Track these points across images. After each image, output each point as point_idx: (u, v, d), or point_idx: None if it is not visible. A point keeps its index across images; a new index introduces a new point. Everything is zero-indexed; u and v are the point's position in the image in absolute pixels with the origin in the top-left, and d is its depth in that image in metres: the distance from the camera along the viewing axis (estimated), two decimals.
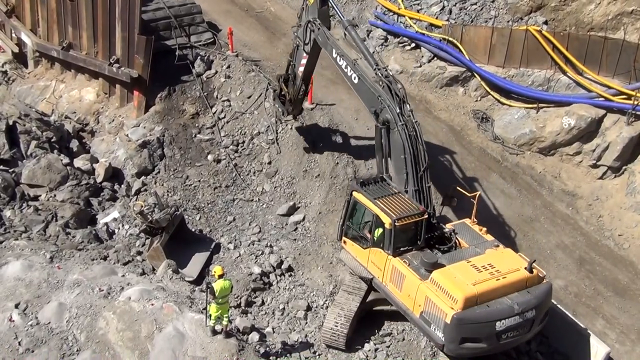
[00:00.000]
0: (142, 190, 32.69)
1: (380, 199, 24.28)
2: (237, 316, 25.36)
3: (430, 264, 22.88)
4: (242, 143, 33.43)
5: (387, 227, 23.44)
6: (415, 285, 22.89)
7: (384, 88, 25.91)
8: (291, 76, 30.68)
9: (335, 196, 30.42)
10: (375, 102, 25.99)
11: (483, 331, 22.22)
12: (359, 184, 25.01)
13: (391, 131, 25.39)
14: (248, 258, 28.67)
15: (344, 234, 25.62)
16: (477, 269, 22.81)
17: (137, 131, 34.34)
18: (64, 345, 22.25)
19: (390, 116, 25.26)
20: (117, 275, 25.58)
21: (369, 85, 26.36)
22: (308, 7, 28.65)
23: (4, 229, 29.25)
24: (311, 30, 28.40)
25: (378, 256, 24.10)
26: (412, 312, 23.17)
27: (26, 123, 33.41)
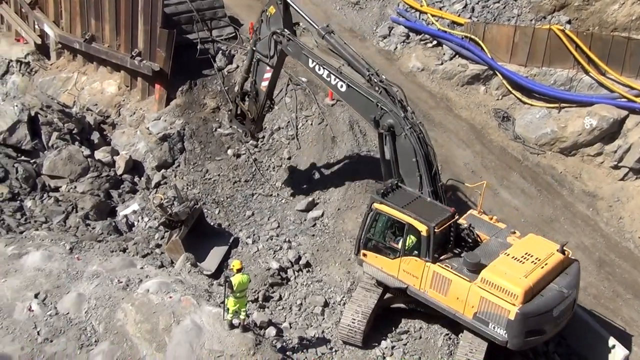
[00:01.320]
0: (162, 183, 32.82)
1: (407, 206, 23.77)
2: (254, 310, 25.41)
3: (474, 264, 22.80)
4: (262, 138, 33.46)
5: (424, 234, 23.01)
6: (465, 288, 22.73)
7: (382, 93, 25.43)
8: (252, 93, 29.18)
9: (354, 193, 30.40)
10: (373, 109, 25.40)
11: (544, 321, 22.49)
12: (380, 195, 24.23)
13: (397, 136, 24.97)
14: (266, 253, 28.71)
15: (364, 246, 24.89)
16: (519, 260, 22.87)
17: (157, 124, 34.48)
18: (82, 335, 22.35)
19: (395, 121, 24.84)
20: (135, 267, 25.69)
21: (362, 92, 25.66)
22: (269, 17, 27.47)
23: (24, 219, 29.48)
24: (277, 42, 27.29)
25: (412, 265, 23.70)
26: (463, 314, 23.00)
27: (48, 114, 33.59)
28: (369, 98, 25.38)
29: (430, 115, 34.40)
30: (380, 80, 25.74)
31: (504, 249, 23.62)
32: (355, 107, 26.57)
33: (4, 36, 42.25)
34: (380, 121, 25.22)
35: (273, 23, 27.29)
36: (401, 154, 25.13)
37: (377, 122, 25.40)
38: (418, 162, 24.69)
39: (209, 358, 21.77)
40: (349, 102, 26.82)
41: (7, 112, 32.93)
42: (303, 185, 31.57)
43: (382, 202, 23.95)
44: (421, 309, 24.83)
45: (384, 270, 24.40)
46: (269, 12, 27.36)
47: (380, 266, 24.44)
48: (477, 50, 36.16)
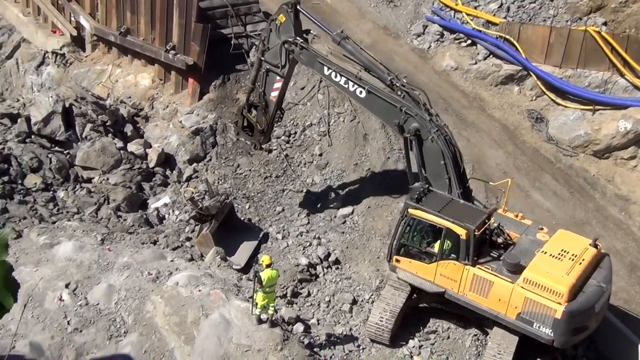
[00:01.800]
0: (193, 177, 32.97)
1: (443, 210, 23.47)
2: (283, 306, 25.47)
3: (514, 264, 22.72)
4: (293, 134, 33.50)
5: (464, 237, 22.81)
6: (508, 289, 22.62)
7: (404, 97, 24.96)
8: (261, 104, 28.40)
9: (385, 191, 30.33)
10: (396, 114, 24.90)
11: (588, 317, 22.51)
12: (414, 201, 23.85)
13: (424, 140, 24.64)
14: (296, 249, 28.74)
15: (397, 252, 24.61)
16: (557, 257, 22.82)
17: (190, 118, 34.65)
18: (111, 326, 22.48)
19: (420, 124, 24.44)
20: (166, 260, 25.81)
21: (384, 98, 25.10)
22: (279, 26, 26.76)
23: (57, 210, 29.72)
24: (289, 51, 26.70)
25: (450, 268, 23.53)
26: (506, 315, 22.90)
27: (82, 106, 33.84)
28: (392, 103, 24.93)
29: (463, 115, 34.24)
30: (402, 84, 25.31)
31: (538, 247, 23.51)
32: (377, 113, 26.18)
33: (40, 27, 42.59)
34: (405, 126, 24.81)
35: (283, 32, 26.71)
36: (428, 158, 24.83)
37: (401, 127, 24.97)
38: (446, 165, 24.45)
39: (237, 352, 21.82)
40: (370, 109, 26.35)
41: (42, 103, 33.20)
42: (334, 182, 31.55)
43: (417, 208, 23.65)
44: (452, 309, 24.74)
45: (420, 275, 24.22)
46: (279, 20, 26.75)
47: (415, 271, 24.26)
48: (512, 50, 35.92)
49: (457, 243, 23.21)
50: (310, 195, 31.50)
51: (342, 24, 37.71)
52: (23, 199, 29.86)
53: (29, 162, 31.27)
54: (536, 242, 23.92)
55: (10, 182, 30.34)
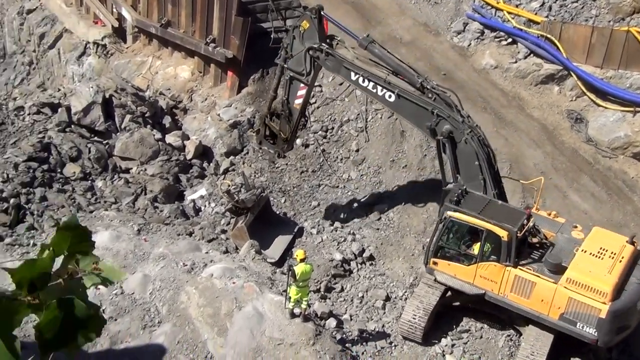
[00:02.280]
0: (230, 169, 33.12)
1: (483, 212, 23.26)
2: (316, 301, 25.49)
3: (556, 264, 22.61)
4: (331, 129, 33.52)
5: (505, 239, 22.63)
6: (551, 290, 22.50)
7: (435, 99, 24.70)
8: (284, 112, 27.93)
9: (421, 188, 30.26)
10: (427, 117, 24.68)
11: (631, 315, 22.43)
12: (454, 203, 23.55)
13: (457, 142, 24.47)
14: (330, 244, 28.76)
15: (434, 255, 24.43)
16: (597, 256, 22.68)
17: (228, 111, 34.81)
18: (146, 316, 22.66)
19: (453, 126, 24.27)
20: (201, 251, 25.95)
21: (415, 101, 24.82)
22: (302, 33, 26.35)
23: (95, 199, 30.03)
24: (314, 58, 26.30)
25: (490, 270, 23.40)
26: (548, 316, 22.79)
27: (122, 97, 34.14)
28: (423, 106, 24.70)
29: (502, 114, 34.02)
30: (432, 86, 25.00)
31: (575, 245, 23.38)
32: (407, 117, 25.93)
33: (82, 18, 42.99)
34: (437, 128, 24.62)
35: (307, 38, 26.37)
36: (462, 159, 24.67)
37: (433, 130, 24.75)
38: (481, 166, 24.29)
39: (269, 345, 21.90)
40: (400, 113, 26.17)
41: (83, 93, 33.55)
42: (370, 178, 31.53)
43: (457, 210, 23.42)
44: (486, 309, 24.62)
45: (459, 278, 24.11)
46: (302, 27, 26.38)
47: (454, 273, 24.16)
48: (553, 49, 35.61)
49: (497, 245, 23.04)
50: (346, 191, 31.49)
51: (381, 20, 37.68)
52: (62, 187, 30.22)
53: (69, 152, 31.62)
54: (572, 240, 23.75)
55: (50, 171, 30.71)
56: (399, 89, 25.01)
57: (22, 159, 30.57)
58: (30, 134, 32.38)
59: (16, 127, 33.15)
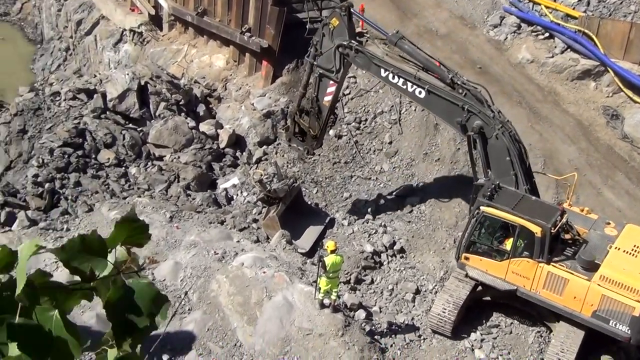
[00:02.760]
0: (263, 159, 33.22)
1: (516, 207, 23.08)
2: (345, 292, 25.52)
3: (589, 262, 22.48)
4: (364, 121, 33.49)
5: (539, 235, 22.48)
6: (584, 287, 22.40)
7: (466, 95, 24.55)
8: (313, 110, 27.92)
9: (453, 182, 30.17)
10: (458, 112, 24.55)
11: None
12: (487, 198, 23.37)
13: (488, 138, 24.33)
14: (361, 236, 28.75)
15: (466, 250, 24.33)
16: (631, 254, 22.54)
17: (262, 101, 34.88)
18: (176, 303, 22.85)
19: (484, 122, 24.13)
20: (232, 240, 26.10)
21: (445, 97, 24.70)
22: (332, 30, 26.22)
23: (128, 186, 30.30)
24: (344, 55, 26.27)
25: (523, 266, 23.29)
26: (581, 313, 22.69)
27: (157, 84, 34.34)
28: (453, 101, 24.57)
29: (537, 109, 33.81)
30: (462, 81, 24.89)
31: (608, 243, 23.21)
32: (438, 113, 25.88)
33: (119, 5, 43.29)
34: (468, 124, 24.50)
35: (337, 35, 26.28)
36: (493, 155, 24.54)
37: (463, 126, 24.62)
38: (512, 161, 24.15)
39: (298, 335, 22.01)
40: (430, 109, 26.09)
41: (119, 80, 33.81)
42: (402, 171, 31.49)
43: (490, 205, 23.25)
44: (517, 305, 24.55)
45: (490, 273, 24.02)
46: (332, 24, 26.30)
47: (486, 269, 24.07)
48: (590, 45, 35.29)
49: (531, 240, 22.91)
50: (378, 183, 31.49)
51: (417, 13, 37.56)
52: (96, 173, 30.54)
53: (103, 138, 31.90)
54: (606, 237, 23.57)
55: (85, 157, 31.04)
56: (429, 85, 24.89)
57: (57, 144, 30.90)
58: (66, 120, 32.72)
59: (52, 112, 33.50)
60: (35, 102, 33.82)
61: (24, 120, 32.88)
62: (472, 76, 33.06)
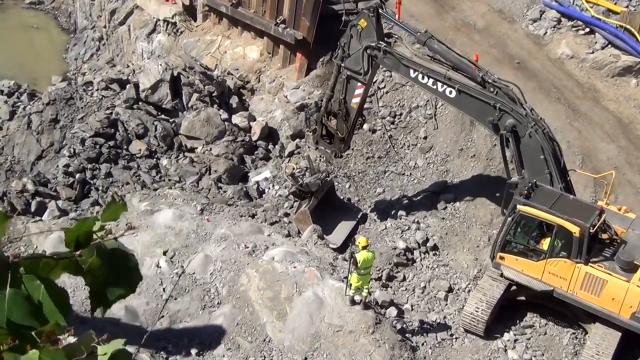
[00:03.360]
0: (295, 152, 33.15)
1: (554, 206, 22.80)
2: (377, 289, 25.43)
3: (629, 262, 22.27)
4: (399, 115, 33.30)
5: (577, 235, 22.25)
6: (623, 288, 22.18)
7: (497, 93, 24.23)
8: (341, 112, 27.68)
9: (488, 179, 29.92)
10: (489, 111, 24.26)
11: None
12: (524, 197, 23.13)
13: (521, 136, 24.02)
14: (394, 232, 28.63)
15: (501, 249, 24.15)
16: None
17: (296, 93, 34.80)
18: (205, 296, 22.90)
19: (516, 120, 23.83)
20: (263, 234, 26.09)
21: (476, 96, 24.41)
22: (360, 31, 26.01)
23: (159, 177, 30.39)
24: (373, 57, 26.01)
25: (560, 266, 23.06)
26: (620, 314, 22.47)
27: (190, 75, 34.39)
28: (485, 100, 24.29)
29: (576, 105, 33.44)
30: (493, 80, 24.53)
31: None
32: (469, 112, 25.63)
33: None
34: (500, 123, 24.21)
35: (365, 37, 26.06)
36: (527, 153, 24.24)
37: (495, 126, 24.35)
38: (547, 160, 23.88)
39: (328, 332, 21.95)
40: (461, 109, 25.77)
41: (152, 70, 33.88)
42: (437, 167, 31.29)
43: (527, 204, 23.02)
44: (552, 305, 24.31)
45: (526, 273, 23.79)
46: (360, 25, 26.10)
47: (521, 269, 23.85)
48: (632, 41, 34.80)
49: (568, 240, 22.64)
50: (412, 178, 31.32)
51: (455, 6, 37.27)
52: (127, 164, 30.65)
53: (135, 129, 32.01)
54: None
55: (116, 147, 31.18)
56: (460, 85, 24.60)
57: (89, 134, 31.06)
58: (98, 110, 32.87)
59: (84, 102, 33.66)
60: (68, 92, 33.98)
61: (56, 110, 33.04)
62: (510, 71, 32.82)
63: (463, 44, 34.08)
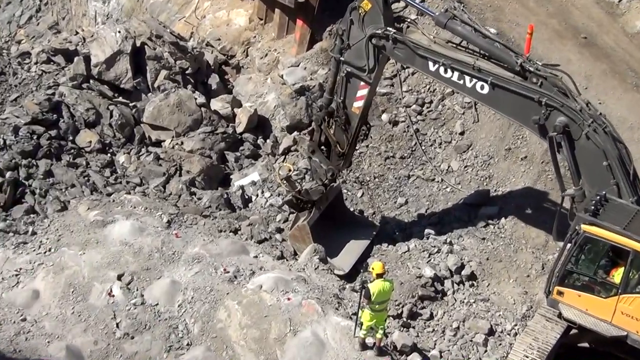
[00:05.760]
0: (293, 149, 33.17)
1: (629, 226, 22.36)
2: (395, 329, 25.42)
3: None
4: (428, 103, 33.36)
5: None
6: None
7: (543, 85, 23.79)
8: (340, 119, 27.46)
9: (545, 188, 29.95)
10: (533, 108, 23.89)
11: None
12: (590, 214, 22.65)
13: (575, 138, 23.70)
14: (419, 255, 28.66)
15: (560, 282, 23.76)
16: None
17: (295, 72, 34.80)
18: (172, 335, 22.87)
19: (569, 118, 23.48)
20: (248, 255, 26.11)
21: (516, 89, 24.03)
22: (363, 16, 25.62)
23: (114, 178, 30.31)
24: (380, 48, 25.76)
25: (637, 305, 22.72)
26: None
27: (157, 46, 34.41)
28: (527, 95, 23.94)
29: None
30: (536, 67, 24.00)
31: None
32: (507, 111, 25.14)
33: None
34: (548, 123, 24.02)
35: (370, 22, 25.70)
36: (584, 160, 23.88)
37: (542, 127, 24.03)
38: (611, 166, 23.73)
39: None
40: (497, 108, 25.38)
41: (107, 39, 33.86)
42: (477, 171, 31.35)
43: (594, 223, 22.59)
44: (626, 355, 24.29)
45: (591, 313, 23.62)
46: (363, 8, 25.68)
47: (585, 307, 23.72)
48: None
49: None
50: (444, 186, 31.38)
51: None
52: (73, 161, 30.59)
53: (84, 114, 32.01)
54: None
55: (59, 138, 31.08)
56: (493, 77, 24.27)
57: (24, 120, 31.02)
58: (37, 89, 32.86)
59: (19, 79, 33.65)
60: None
61: None
62: (573, 48, 32.89)
63: (513, 12, 34.20)
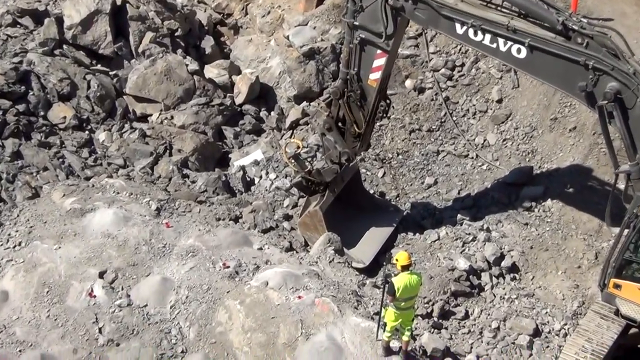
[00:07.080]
0: (302, 123, 33.14)
1: None
2: (424, 330, 25.46)
3: None
4: (459, 67, 33.33)
5: None
6: None
7: (589, 45, 23.27)
8: (355, 94, 27.45)
9: (597, 164, 29.90)
10: (580, 73, 23.45)
11: None
12: None
13: (628, 106, 23.24)
14: (451, 244, 28.67)
15: (617, 273, 23.96)
16: None
17: (302, 32, 34.77)
18: (163, 341, 22.88)
19: (620, 84, 23.04)
20: (251, 246, 26.11)
21: (558, 52, 23.61)
22: None
23: (94, 159, 30.30)
24: (398, 10, 25.35)
25: None
26: None
27: (141, 5, 34.37)
28: (571, 57, 23.53)
29: None
30: (581, 25, 23.49)
31: None
32: (548, 77, 24.77)
33: None
34: (596, 90, 23.91)
35: None
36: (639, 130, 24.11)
37: (590, 94, 23.70)
38: None
39: None
40: (537, 74, 24.95)
41: None
42: (517, 145, 31.31)
43: None
44: None
45: None
46: None
47: None
48: None
49: None
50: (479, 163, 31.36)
51: None
52: (45, 139, 30.61)
53: (57, 86, 32.02)
54: None
55: (29, 114, 31.06)
56: (531, 38, 23.90)
57: None
58: (1, 57, 32.88)
59: None
60: None
61: None
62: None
63: None
